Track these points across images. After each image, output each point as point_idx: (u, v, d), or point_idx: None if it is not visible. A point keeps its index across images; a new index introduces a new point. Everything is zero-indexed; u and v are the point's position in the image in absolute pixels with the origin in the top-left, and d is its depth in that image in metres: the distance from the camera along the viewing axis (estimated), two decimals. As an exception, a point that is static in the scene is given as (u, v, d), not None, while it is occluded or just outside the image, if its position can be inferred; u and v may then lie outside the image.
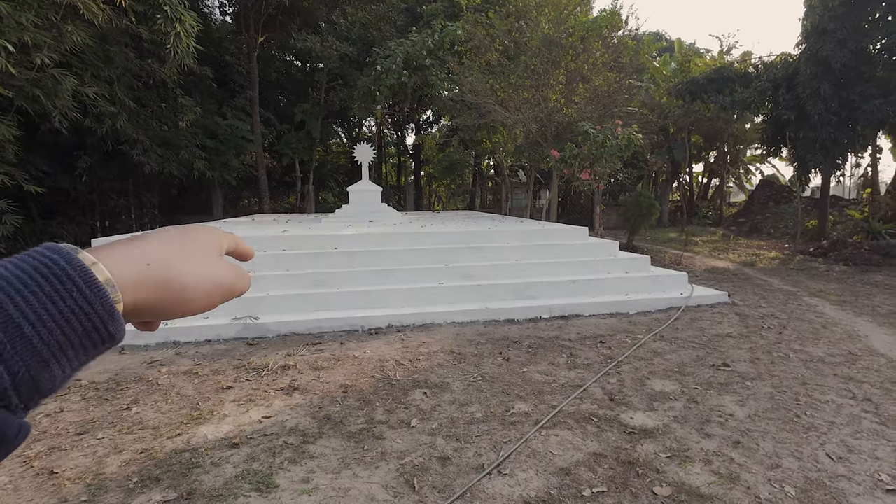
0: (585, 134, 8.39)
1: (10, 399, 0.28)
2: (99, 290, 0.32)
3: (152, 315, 0.39)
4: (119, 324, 0.33)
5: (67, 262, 0.32)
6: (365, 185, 9.75)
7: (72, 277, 0.31)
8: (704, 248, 12.33)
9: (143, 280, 0.36)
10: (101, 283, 0.33)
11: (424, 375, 3.67)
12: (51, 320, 0.30)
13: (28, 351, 0.29)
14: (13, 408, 0.28)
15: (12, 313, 0.28)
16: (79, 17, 8.48)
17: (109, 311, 0.33)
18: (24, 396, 0.29)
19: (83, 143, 11.19)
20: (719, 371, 3.67)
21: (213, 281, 0.41)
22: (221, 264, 0.42)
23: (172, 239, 0.41)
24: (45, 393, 0.30)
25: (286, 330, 4.86)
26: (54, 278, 0.31)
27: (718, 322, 5.10)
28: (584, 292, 5.86)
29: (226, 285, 0.42)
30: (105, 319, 0.32)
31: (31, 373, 0.29)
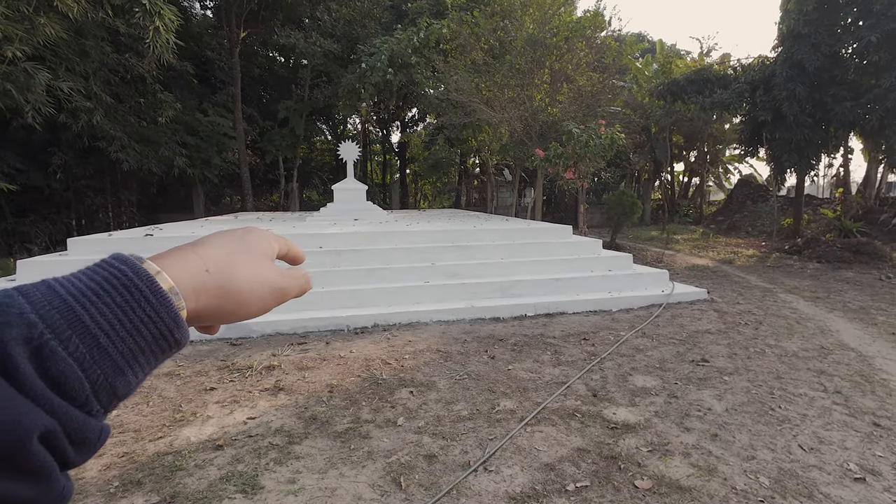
0: (569, 133, 8.48)
1: (91, 405, 0.30)
2: (164, 298, 0.34)
3: (212, 319, 0.40)
4: (184, 330, 0.35)
5: (134, 272, 0.33)
6: (350, 183, 9.69)
7: (139, 287, 0.33)
8: (685, 246, 12.59)
9: (203, 286, 0.38)
10: (166, 292, 0.34)
11: (411, 374, 3.68)
12: (123, 330, 0.31)
13: (105, 360, 0.30)
14: (94, 413, 0.30)
15: (89, 325, 0.30)
16: (52, 9, 8.22)
17: (174, 319, 0.34)
18: (104, 402, 0.31)
19: (58, 140, 10.88)
20: (698, 366, 3.77)
21: (266, 286, 0.42)
22: (274, 269, 0.43)
23: (228, 244, 0.42)
24: (122, 397, 0.32)
25: (270, 330, 4.82)
26: (124, 289, 0.32)
27: (698, 319, 5.22)
28: (568, 290, 5.94)
29: (278, 289, 0.43)
30: (171, 327, 0.34)
31: (108, 380, 0.31)
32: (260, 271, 0.42)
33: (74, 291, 0.31)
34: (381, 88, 12.45)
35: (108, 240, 5.73)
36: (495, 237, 6.89)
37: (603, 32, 12.36)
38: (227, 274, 0.39)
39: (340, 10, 14.40)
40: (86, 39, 10.15)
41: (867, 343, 4.43)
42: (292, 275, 0.45)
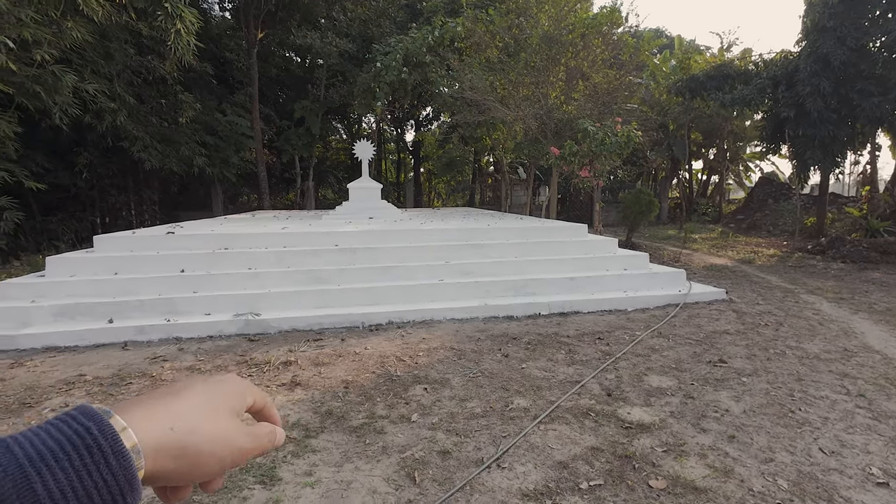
0: (585, 131, 8.40)
1: None
2: (125, 459, 0.34)
3: (164, 480, 0.39)
4: (137, 492, 0.35)
5: (100, 429, 0.34)
6: (365, 182, 9.77)
7: (101, 448, 0.33)
8: (703, 246, 12.37)
9: (164, 446, 0.37)
10: (129, 451, 0.34)
11: (425, 371, 3.71)
12: (74, 498, 0.31)
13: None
14: None
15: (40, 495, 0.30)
16: (78, 14, 8.46)
17: (130, 481, 0.34)
18: None
19: (84, 140, 11.20)
20: (716, 367, 3.72)
21: (228, 446, 0.41)
22: (239, 427, 0.43)
23: (198, 396, 0.41)
24: None
25: (287, 326, 4.90)
26: (85, 450, 0.33)
27: (716, 319, 5.14)
28: (583, 289, 5.90)
29: (238, 450, 0.42)
30: (125, 490, 0.34)
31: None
32: (224, 430, 0.41)
33: (32, 453, 0.31)
34: (396, 87, 12.51)
35: (133, 237, 5.90)
36: (509, 236, 6.88)
37: (620, 29, 12.20)
38: (191, 432, 0.39)
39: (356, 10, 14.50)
40: (110, 42, 10.43)
41: (893, 345, 4.31)
42: (256, 433, 0.44)
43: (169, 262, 5.54)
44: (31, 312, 4.71)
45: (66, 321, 4.72)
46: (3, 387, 3.55)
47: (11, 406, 3.22)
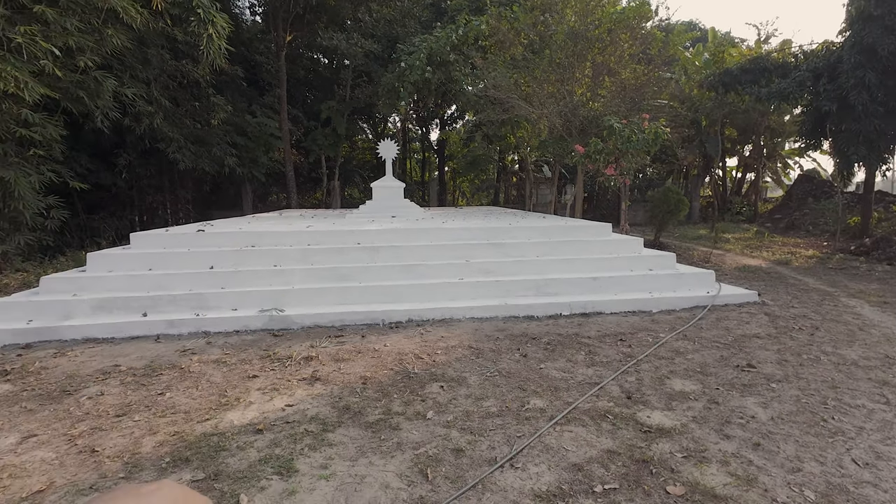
0: (611, 128, 8.23)
1: None
2: None
3: None
4: None
5: None
6: (388, 181, 9.86)
7: None
8: (736, 246, 11.92)
9: None
10: None
11: (442, 369, 3.73)
12: None
13: None
14: None
15: None
16: (118, 21, 8.88)
17: None
18: None
19: (123, 142, 11.74)
20: (743, 372, 3.59)
21: None
22: None
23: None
24: None
25: (310, 322, 5.01)
26: None
27: (746, 322, 4.95)
28: (606, 289, 5.79)
29: None
30: None
31: None
32: None
33: None
34: (420, 87, 12.56)
35: (166, 235, 6.15)
36: (531, 235, 6.81)
37: (649, 23, 11.88)
38: None
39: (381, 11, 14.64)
40: (148, 48, 10.89)
41: (941, 353, 4.05)
42: None
43: (199, 259, 5.76)
44: (72, 305, 4.98)
45: (104, 314, 4.97)
46: (47, 375, 3.78)
47: (53, 393, 3.42)
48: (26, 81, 6.84)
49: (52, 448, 2.67)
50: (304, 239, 6.31)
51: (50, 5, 7.27)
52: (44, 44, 6.83)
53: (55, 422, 2.99)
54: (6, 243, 8.18)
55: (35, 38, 6.78)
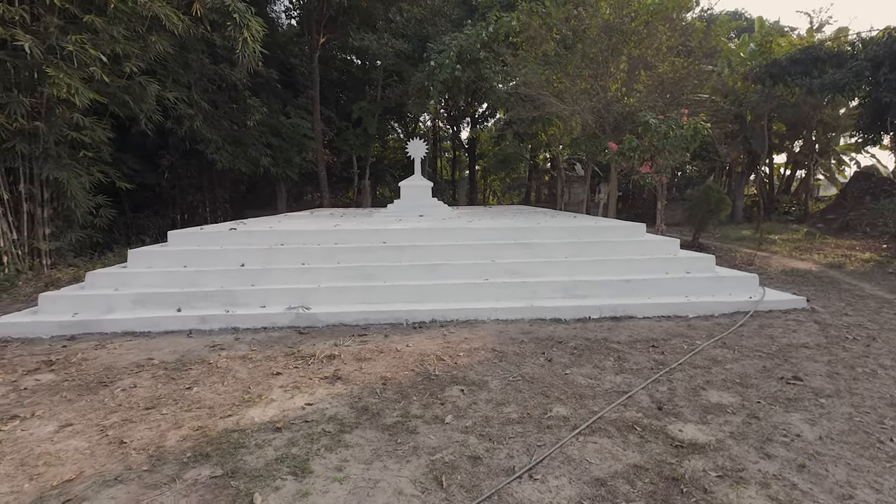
0: (646, 125, 7.90)
1: None
2: None
3: None
4: None
5: None
6: (416, 180, 9.86)
7: None
8: (784, 248, 11.22)
9: None
10: None
11: (463, 372, 3.65)
12: None
13: None
14: None
15: None
16: (161, 28, 9.27)
17: None
18: None
19: (166, 144, 12.29)
20: (788, 385, 3.32)
21: None
22: None
23: None
24: None
25: (335, 321, 5.04)
26: None
27: (793, 330, 4.61)
28: (639, 292, 5.54)
29: None
30: None
31: None
32: None
33: None
34: (450, 86, 12.50)
35: (200, 233, 6.36)
36: (560, 235, 6.62)
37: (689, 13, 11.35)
38: None
39: (412, 10, 14.68)
40: (188, 53, 11.33)
41: None
42: None
43: (231, 257, 5.91)
44: (114, 300, 5.22)
45: (142, 309, 5.18)
46: (87, 366, 3.96)
47: (91, 384, 3.57)
48: (77, 87, 7.24)
49: (85, 438, 2.77)
50: (331, 238, 6.38)
51: (99, 15, 7.67)
52: (92, 51, 7.20)
53: (90, 412, 3.11)
54: (60, 240, 8.71)
55: (84, 46, 7.16)
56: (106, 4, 7.81)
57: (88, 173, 8.93)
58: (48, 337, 4.77)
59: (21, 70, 7.34)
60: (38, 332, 4.82)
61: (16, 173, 7.91)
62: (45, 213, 8.40)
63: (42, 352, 4.35)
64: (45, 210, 8.39)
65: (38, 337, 4.77)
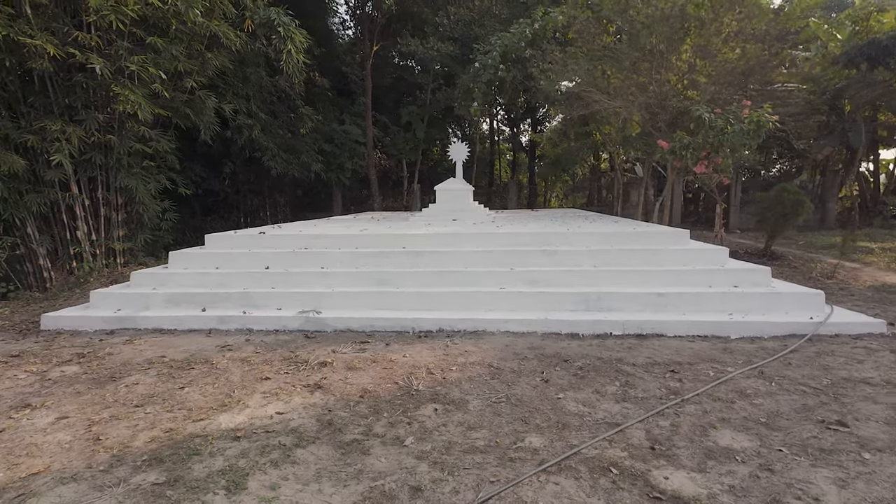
0: (699, 119, 7.11)
1: None
2: None
3: None
4: None
5: None
6: (451, 184, 9.72)
7: None
8: (881, 258, 9.60)
9: None
10: None
11: (447, 389, 3.44)
12: None
13: None
14: None
15: None
16: (219, 45, 9.99)
17: None
18: None
19: (228, 152, 13.27)
20: (828, 431, 2.72)
21: None
22: None
23: None
24: None
25: (342, 326, 5.04)
26: None
27: (858, 361, 3.83)
28: (673, 308, 4.95)
29: None
30: None
31: None
32: None
33: None
34: (496, 86, 12.22)
35: (234, 236, 6.72)
36: (591, 242, 6.13)
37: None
38: None
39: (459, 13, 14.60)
40: (247, 67, 12.12)
41: None
42: None
43: (257, 260, 6.16)
44: (151, 298, 5.63)
45: (173, 307, 5.54)
46: (108, 361, 4.27)
47: (102, 379, 3.83)
48: (140, 103, 7.98)
49: (72, 432, 2.94)
50: (354, 242, 6.42)
51: (161, 36, 8.42)
52: (152, 70, 7.90)
53: (89, 406, 3.32)
54: (132, 241, 9.67)
55: (146, 66, 7.88)
56: (168, 26, 8.56)
57: (157, 181, 9.84)
58: (92, 331, 5.24)
59: (96, 89, 8.24)
60: (85, 325, 5.32)
61: (95, 181, 8.91)
62: (120, 217, 9.37)
63: (81, 345, 4.77)
64: (120, 214, 9.36)
65: (84, 330, 5.26)
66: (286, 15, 9.21)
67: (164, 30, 8.63)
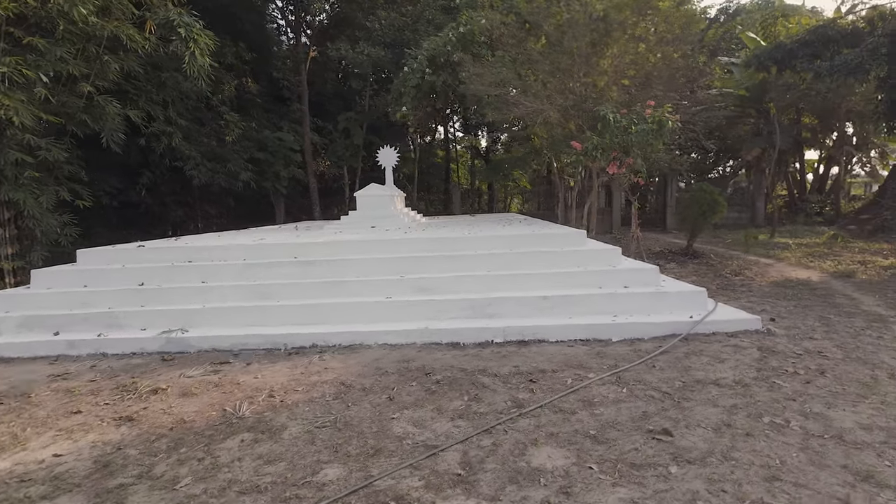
0: (604, 120, 7.09)
1: None
2: None
3: None
4: None
5: None
6: (373, 189, 9.41)
7: None
8: (795, 254, 9.90)
9: None
10: None
11: (276, 414, 3.09)
12: None
13: None
14: None
15: None
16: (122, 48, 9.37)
17: None
18: None
19: (147, 161, 12.50)
20: (651, 441, 2.54)
21: None
22: None
23: None
24: None
25: (208, 346, 4.61)
26: None
27: (721, 360, 3.73)
28: (559, 311, 4.78)
29: None
30: None
31: None
32: None
33: None
34: (426, 90, 12.04)
35: (110, 250, 6.18)
36: (491, 245, 5.93)
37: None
38: None
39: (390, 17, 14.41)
40: (162, 72, 11.47)
41: None
42: None
43: (131, 276, 5.63)
44: (2, 323, 5.02)
45: (25, 332, 4.95)
46: None
47: None
48: (17, 108, 7.30)
49: None
50: (243, 253, 5.99)
51: (44, 37, 7.77)
52: (27, 72, 7.25)
53: None
54: (25, 259, 8.85)
55: (20, 67, 7.22)
56: (54, 26, 7.91)
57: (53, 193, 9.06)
58: (-80, 362, 4.60)
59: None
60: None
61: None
62: (8, 233, 8.56)
63: None
64: (7, 230, 8.55)
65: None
66: (190, 16, 8.71)
67: (48, 30, 7.98)
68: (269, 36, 16.88)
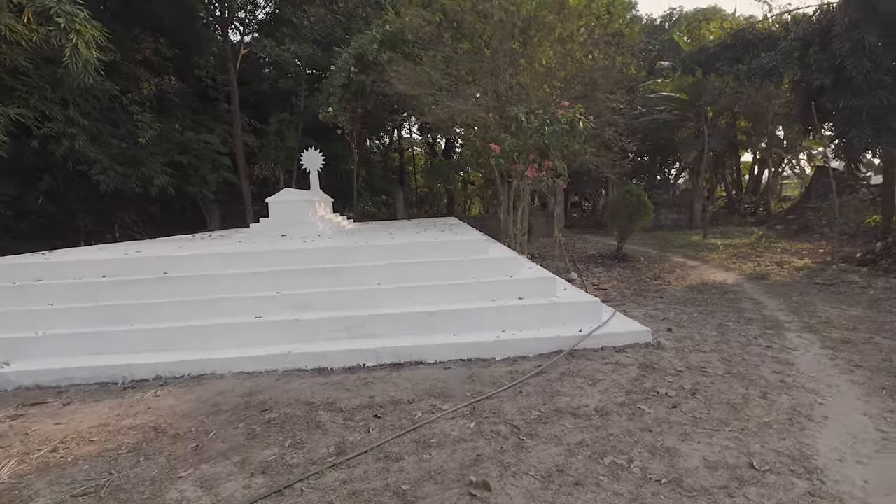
0: (517, 120, 6.79)
1: None
2: None
3: None
4: None
5: None
6: (286, 195, 8.79)
7: None
8: (721, 255, 9.98)
9: None
10: None
11: (37, 478, 2.50)
12: None
13: None
14: None
15: None
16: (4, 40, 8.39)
17: None
18: None
19: (46, 165, 11.34)
20: (466, 499, 2.12)
21: None
22: None
23: None
24: None
25: (30, 381, 3.93)
26: None
27: (594, 382, 3.39)
28: (444, 328, 4.37)
29: None
30: None
31: None
32: None
33: None
34: (355, 90, 11.50)
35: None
36: (385, 255, 5.47)
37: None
38: None
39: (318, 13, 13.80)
40: (57, 67, 10.41)
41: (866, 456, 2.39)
42: None
43: (-40, 299, 4.82)
44: None
45: None
46: None
47: None
48: None
49: None
50: (104, 269, 5.27)
51: None
52: None
53: None
54: None
55: None
56: None
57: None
58: None
59: None
60: None
61: None
62: None
63: None
64: None
65: None
66: (73, 4, 7.83)
67: None
68: (198, 32, 15.87)
